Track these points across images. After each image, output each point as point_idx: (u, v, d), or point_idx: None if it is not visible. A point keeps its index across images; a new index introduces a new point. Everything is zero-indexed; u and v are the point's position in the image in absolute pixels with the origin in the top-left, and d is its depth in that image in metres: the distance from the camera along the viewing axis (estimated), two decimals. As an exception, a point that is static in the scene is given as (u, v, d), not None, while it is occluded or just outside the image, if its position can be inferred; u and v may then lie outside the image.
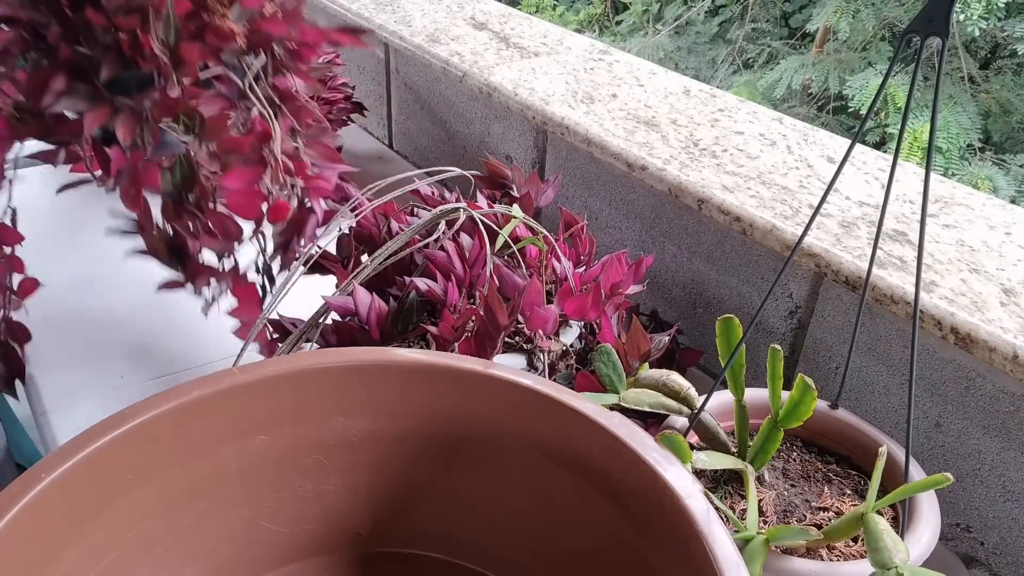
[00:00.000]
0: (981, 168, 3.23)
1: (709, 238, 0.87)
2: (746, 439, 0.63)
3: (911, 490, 0.52)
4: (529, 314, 0.71)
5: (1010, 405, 0.65)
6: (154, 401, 0.49)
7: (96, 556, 0.47)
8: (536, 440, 0.52)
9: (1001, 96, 3.46)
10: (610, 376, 0.63)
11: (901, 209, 0.79)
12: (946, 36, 0.45)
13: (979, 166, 3.25)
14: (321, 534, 0.56)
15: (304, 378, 0.52)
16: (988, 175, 3.18)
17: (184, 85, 0.68)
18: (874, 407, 0.75)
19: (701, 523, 0.43)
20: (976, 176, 3.17)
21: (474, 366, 0.53)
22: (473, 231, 0.78)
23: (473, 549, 0.57)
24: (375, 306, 0.71)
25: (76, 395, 0.82)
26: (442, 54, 1.16)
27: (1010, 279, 0.69)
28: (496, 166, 0.93)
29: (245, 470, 0.53)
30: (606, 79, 1.08)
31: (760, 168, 0.86)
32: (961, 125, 3.28)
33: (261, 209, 0.73)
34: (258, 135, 0.72)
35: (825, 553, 0.57)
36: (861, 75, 3.47)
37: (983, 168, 3.23)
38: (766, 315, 0.83)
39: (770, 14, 4.23)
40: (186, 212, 0.72)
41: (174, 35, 0.66)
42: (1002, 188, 3.16)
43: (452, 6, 1.37)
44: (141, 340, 0.90)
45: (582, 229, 0.85)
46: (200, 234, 0.72)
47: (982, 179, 3.15)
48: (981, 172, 3.19)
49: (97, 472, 0.46)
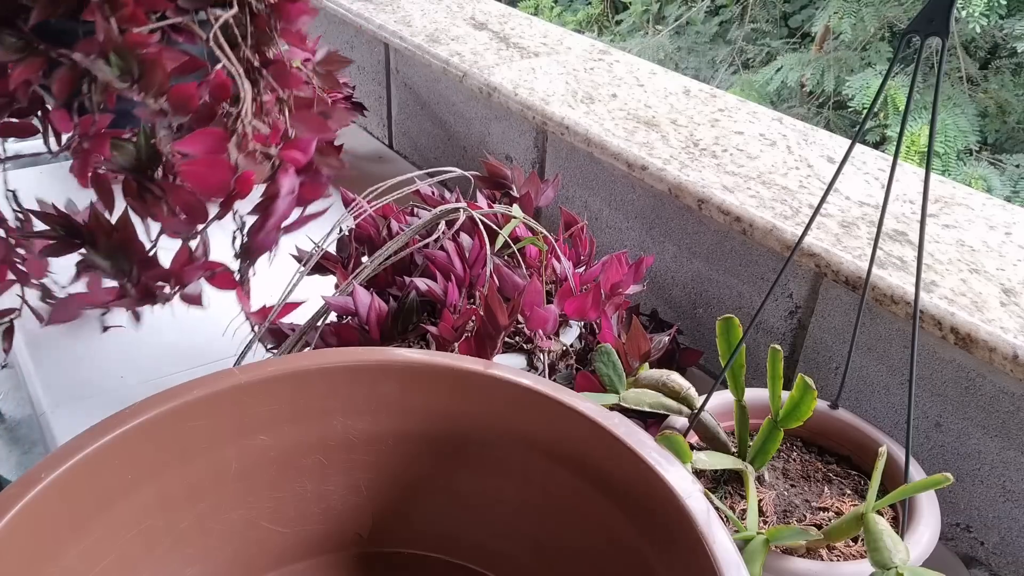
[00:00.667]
0: (976, 168, 3.22)
1: (709, 238, 0.87)
2: (746, 439, 0.63)
3: (911, 490, 0.52)
4: (529, 314, 0.71)
5: (1010, 405, 0.65)
6: (154, 401, 0.49)
7: (96, 556, 0.47)
8: (536, 440, 0.52)
9: (999, 96, 3.46)
10: (610, 376, 0.63)
11: (901, 209, 0.79)
12: (946, 36, 0.45)
13: (974, 166, 3.25)
14: (321, 534, 0.56)
15: (304, 378, 0.53)
16: (982, 175, 3.18)
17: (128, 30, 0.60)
18: (874, 407, 0.75)
19: (701, 523, 0.43)
20: (970, 176, 3.17)
21: (474, 366, 0.53)
22: (473, 231, 0.78)
23: (473, 549, 0.57)
24: (375, 306, 0.71)
25: (76, 395, 0.82)
26: (442, 54, 1.16)
27: (1010, 279, 0.69)
28: (496, 166, 0.93)
29: (245, 470, 0.53)
30: (606, 79, 1.08)
31: (760, 168, 0.86)
32: (959, 128, 3.28)
33: (227, 183, 0.63)
34: (214, 86, 0.64)
35: (825, 553, 0.57)
36: (861, 75, 3.47)
37: (978, 168, 3.22)
38: (766, 315, 0.83)
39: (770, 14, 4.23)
40: (149, 192, 0.64)
41: None
42: (996, 188, 3.16)
43: (452, 6, 1.37)
44: (141, 340, 0.90)
45: (582, 229, 0.85)
46: (158, 215, 0.64)
47: (976, 179, 3.15)
48: (975, 172, 3.19)
49: (97, 472, 0.46)
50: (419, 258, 0.77)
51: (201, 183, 0.64)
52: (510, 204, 0.84)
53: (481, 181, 0.93)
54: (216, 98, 0.64)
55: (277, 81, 0.70)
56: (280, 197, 0.68)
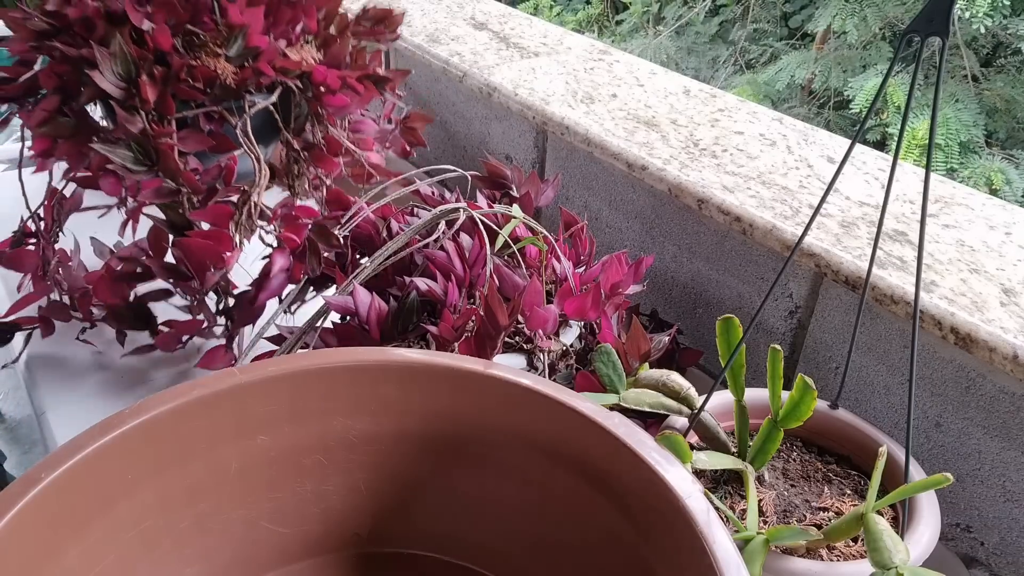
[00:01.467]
0: (993, 162, 3.22)
1: (709, 238, 0.87)
2: (746, 439, 0.63)
3: (911, 490, 0.52)
4: (529, 314, 0.71)
5: (1010, 405, 0.65)
6: (154, 401, 0.49)
7: (96, 556, 0.47)
8: (536, 440, 0.52)
9: (1005, 93, 3.46)
10: (610, 376, 0.63)
11: (901, 209, 0.79)
12: (946, 36, 0.45)
13: (990, 160, 3.25)
14: (321, 534, 0.56)
15: (304, 378, 0.52)
16: (1000, 168, 3.18)
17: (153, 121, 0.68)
18: (874, 407, 0.75)
19: (701, 523, 0.43)
20: (988, 170, 3.16)
21: (474, 366, 0.53)
22: (473, 231, 0.78)
23: (473, 549, 0.57)
24: (375, 306, 0.71)
25: (76, 395, 0.82)
26: (442, 54, 1.16)
27: (1010, 279, 0.69)
28: (496, 166, 0.93)
29: (245, 470, 0.53)
30: (606, 79, 1.08)
31: (760, 168, 0.86)
32: (962, 121, 3.28)
33: (222, 255, 0.71)
34: (226, 170, 0.71)
35: (825, 553, 0.57)
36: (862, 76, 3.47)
37: (995, 162, 3.22)
38: (766, 315, 0.83)
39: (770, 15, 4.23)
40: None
41: (132, 69, 0.67)
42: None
43: (452, 6, 1.37)
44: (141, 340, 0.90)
45: (582, 229, 0.85)
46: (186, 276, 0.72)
47: (995, 172, 3.15)
48: (993, 166, 3.19)
49: (97, 472, 0.46)
50: (419, 258, 0.77)
51: (197, 252, 0.71)
52: (510, 204, 0.84)
53: (481, 181, 0.93)
54: (217, 178, 0.72)
55: (315, 163, 0.78)
56: (272, 275, 0.74)
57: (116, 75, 0.67)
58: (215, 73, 0.69)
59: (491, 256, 0.74)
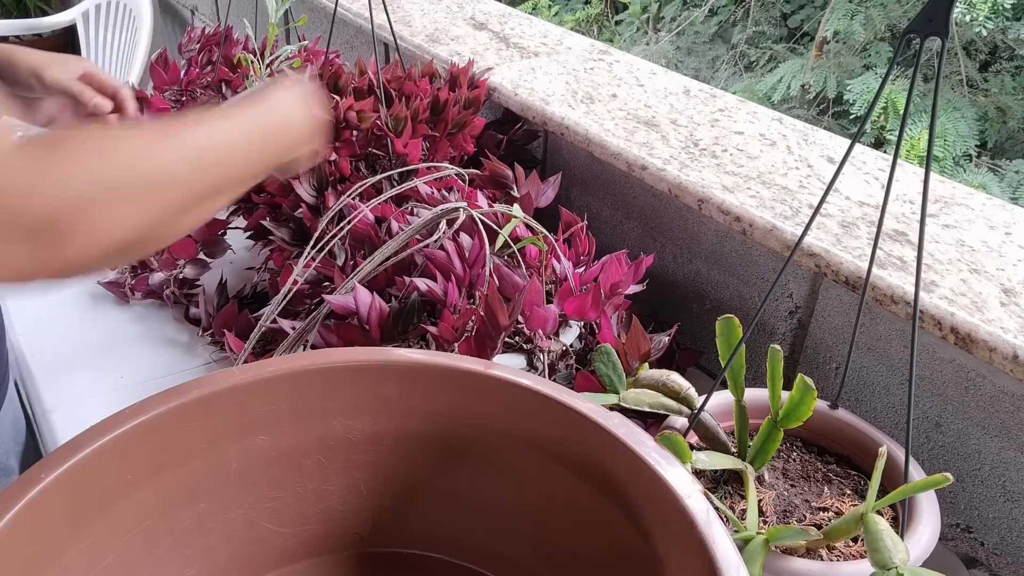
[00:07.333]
0: (975, 175, 3.23)
1: (709, 238, 0.87)
2: (746, 439, 0.63)
3: (911, 490, 0.52)
4: (529, 314, 0.71)
5: (1010, 405, 0.65)
6: (154, 401, 0.49)
7: (96, 556, 0.47)
8: (536, 440, 0.52)
9: (999, 100, 3.46)
10: (610, 376, 0.63)
11: (901, 209, 0.79)
12: (946, 36, 0.45)
13: (974, 173, 3.25)
14: (321, 534, 0.56)
15: (304, 378, 0.52)
16: (982, 182, 3.18)
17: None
18: (874, 407, 0.75)
19: (701, 523, 0.43)
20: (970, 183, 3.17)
21: (474, 366, 0.53)
22: (473, 231, 0.78)
23: (473, 549, 0.57)
24: (376, 306, 0.71)
25: (76, 395, 0.82)
26: (442, 54, 1.16)
27: (1010, 279, 0.69)
28: (496, 166, 0.93)
29: (245, 470, 0.53)
30: (606, 79, 1.08)
31: (760, 168, 0.86)
32: (959, 133, 3.28)
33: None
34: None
35: (825, 553, 0.57)
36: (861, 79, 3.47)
37: (977, 175, 3.23)
38: (766, 315, 0.83)
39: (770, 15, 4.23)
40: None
41: (324, 183, 0.91)
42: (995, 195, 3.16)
43: (452, 6, 1.37)
44: (141, 340, 0.90)
45: (582, 229, 0.85)
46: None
47: (976, 186, 3.15)
48: (975, 179, 3.20)
49: (97, 472, 0.46)
50: (419, 258, 0.77)
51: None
52: (510, 204, 0.84)
53: (481, 181, 0.93)
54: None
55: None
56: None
57: (311, 186, 0.91)
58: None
59: (491, 256, 0.74)
